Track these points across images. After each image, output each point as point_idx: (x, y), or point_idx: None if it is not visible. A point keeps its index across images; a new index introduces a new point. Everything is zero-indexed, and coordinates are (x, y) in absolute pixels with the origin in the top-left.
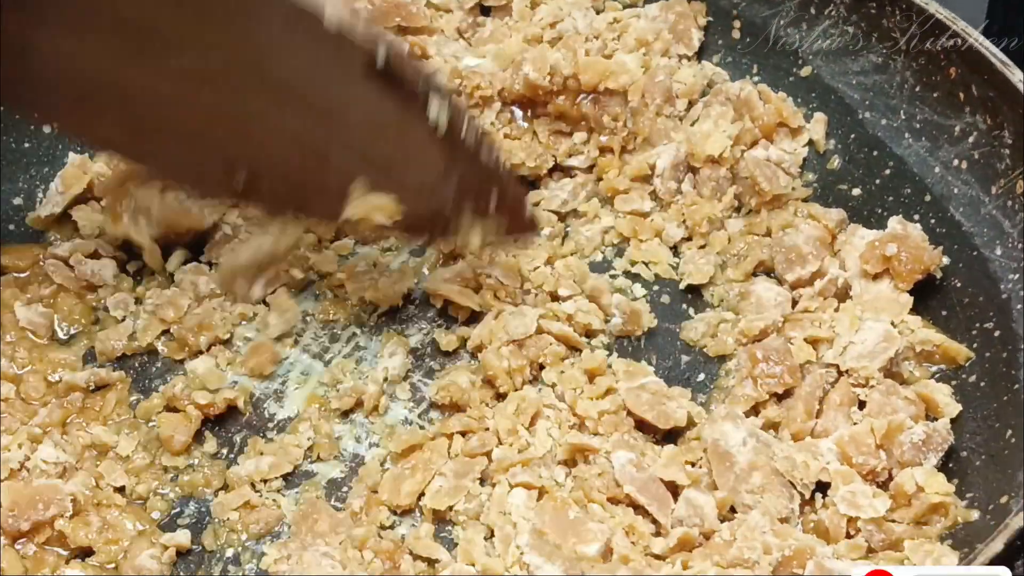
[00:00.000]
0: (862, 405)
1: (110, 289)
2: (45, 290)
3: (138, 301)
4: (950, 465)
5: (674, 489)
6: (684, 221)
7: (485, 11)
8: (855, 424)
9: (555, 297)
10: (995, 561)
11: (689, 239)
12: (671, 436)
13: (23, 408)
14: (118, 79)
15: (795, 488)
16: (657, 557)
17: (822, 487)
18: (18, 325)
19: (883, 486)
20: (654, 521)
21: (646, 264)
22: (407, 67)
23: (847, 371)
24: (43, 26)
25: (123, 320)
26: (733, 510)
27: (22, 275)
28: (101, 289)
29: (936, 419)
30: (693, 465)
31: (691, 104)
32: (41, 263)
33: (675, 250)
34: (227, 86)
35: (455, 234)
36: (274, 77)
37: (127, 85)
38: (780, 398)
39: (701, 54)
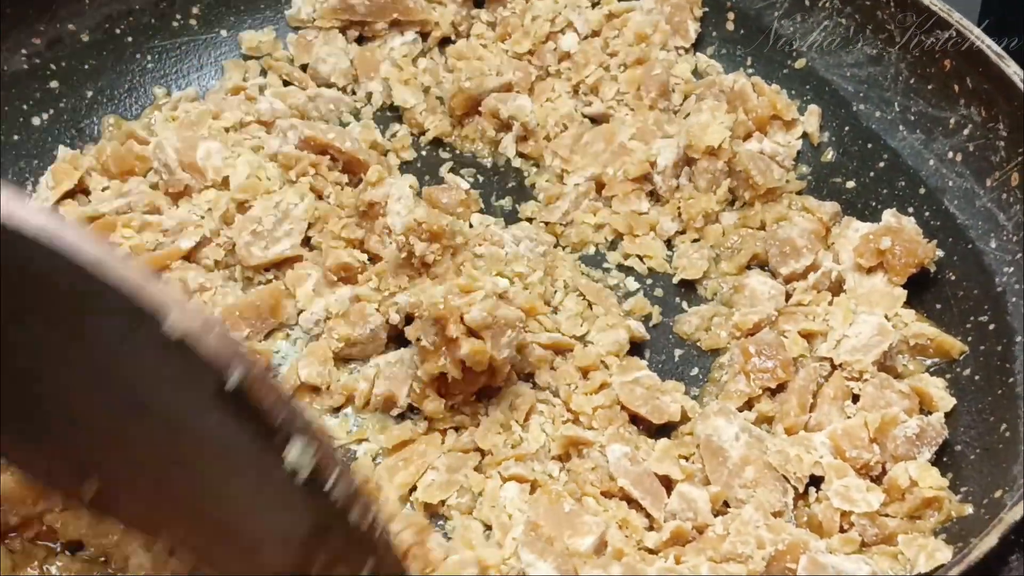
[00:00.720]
0: (856, 399)
1: None
2: None
3: None
4: (944, 459)
5: (668, 483)
6: (680, 215)
7: (479, 3)
8: (849, 418)
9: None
10: (989, 556)
11: (683, 232)
12: (664, 430)
13: None
14: None
15: (788, 482)
16: (650, 551)
17: (815, 481)
18: None
19: (877, 480)
20: (648, 515)
21: (640, 258)
22: (267, 397)
23: (841, 365)
24: None
25: None
26: (727, 504)
27: None
28: None
29: (930, 413)
30: (687, 460)
31: (685, 97)
32: None
33: (668, 243)
34: (75, 385)
35: None
36: (120, 382)
37: None
38: (773, 392)
39: (696, 46)
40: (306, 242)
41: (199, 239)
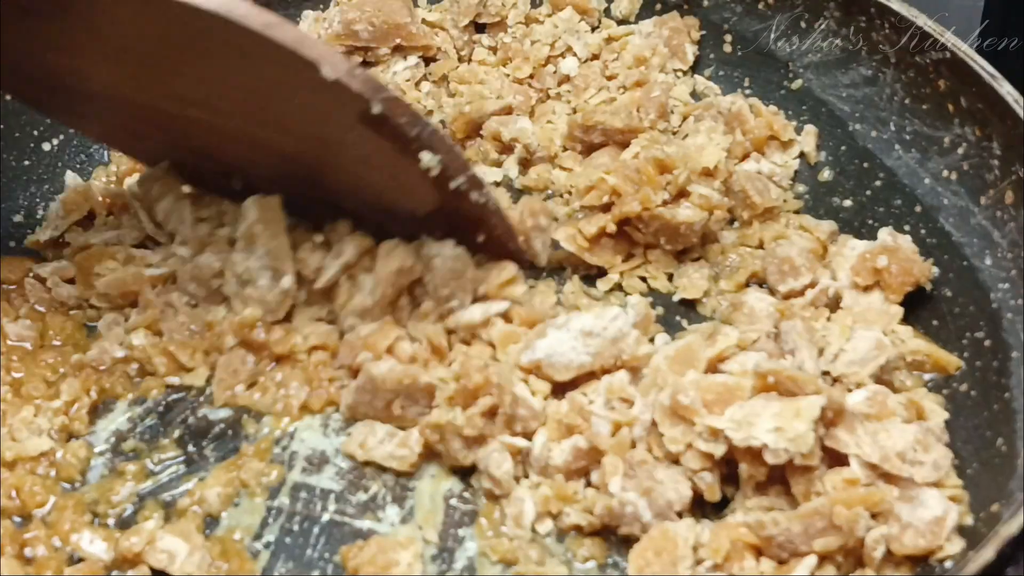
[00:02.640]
0: None
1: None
2: (35, 305)
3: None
4: None
5: None
6: None
7: (480, 28)
8: None
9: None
10: (986, 569)
11: (684, 251)
12: None
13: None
14: (124, 96)
15: None
16: None
17: None
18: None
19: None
20: None
21: (642, 279)
22: (403, 116)
23: (838, 377)
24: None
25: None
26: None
27: (11, 287)
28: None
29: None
30: None
31: (684, 119)
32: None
33: None
34: (224, 113)
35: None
36: (274, 110)
37: (133, 102)
38: None
39: (694, 68)
40: None
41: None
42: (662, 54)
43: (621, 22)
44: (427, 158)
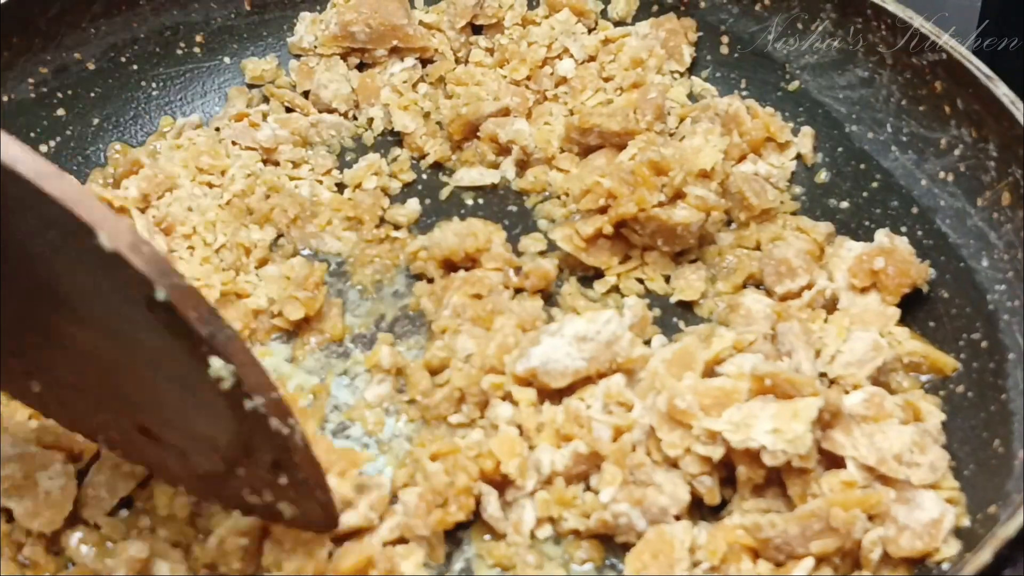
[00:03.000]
0: None
1: None
2: None
3: None
4: None
5: None
6: None
7: (477, 29)
8: None
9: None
10: (984, 570)
11: (681, 253)
12: None
13: None
14: None
15: None
16: None
17: None
18: None
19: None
20: None
21: (639, 280)
22: (192, 310)
23: (835, 379)
24: None
25: None
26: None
27: None
28: None
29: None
30: None
31: (681, 120)
32: None
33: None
34: (12, 297)
35: (248, 508)
36: (57, 293)
37: None
38: None
39: (691, 70)
40: None
41: None
42: (659, 56)
43: (618, 23)
44: (217, 365)
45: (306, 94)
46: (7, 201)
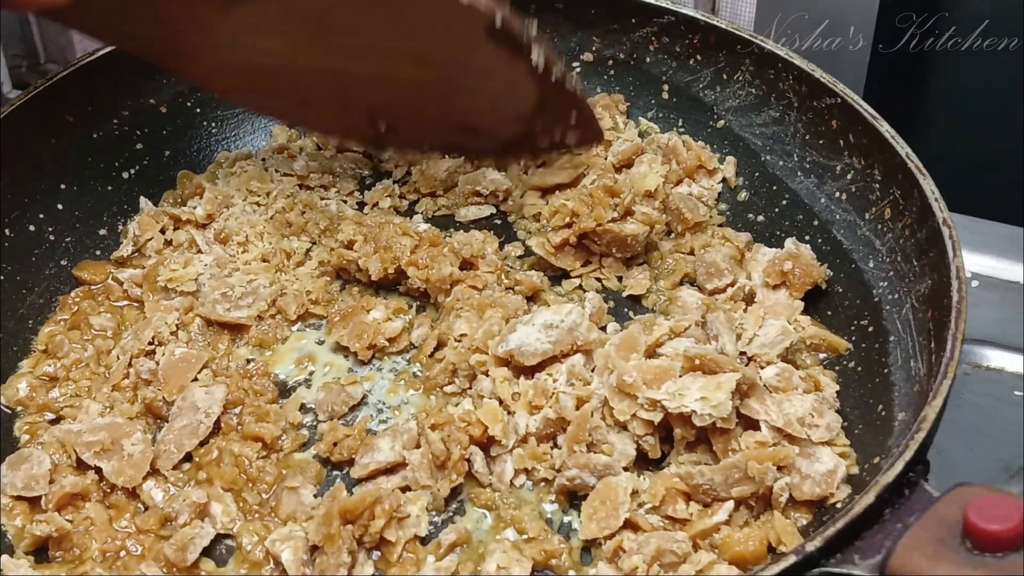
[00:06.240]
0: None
1: None
2: (114, 302)
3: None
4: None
5: None
6: None
7: None
8: None
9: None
10: (869, 509)
11: (631, 258)
12: None
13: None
14: (289, 64)
15: None
16: None
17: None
18: (91, 329)
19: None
20: None
21: (598, 279)
22: (517, 26)
23: (752, 357)
24: (236, 30)
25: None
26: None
27: (96, 287)
28: None
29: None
30: None
31: (635, 155)
32: (109, 282)
33: None
34: (377, 58)
35: (539, 152)
36: (415, 48)
37: (296, 67)
38: None
39: (638, 111)
40: None
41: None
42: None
43: None
44: (536, 54)
45: None
46: None
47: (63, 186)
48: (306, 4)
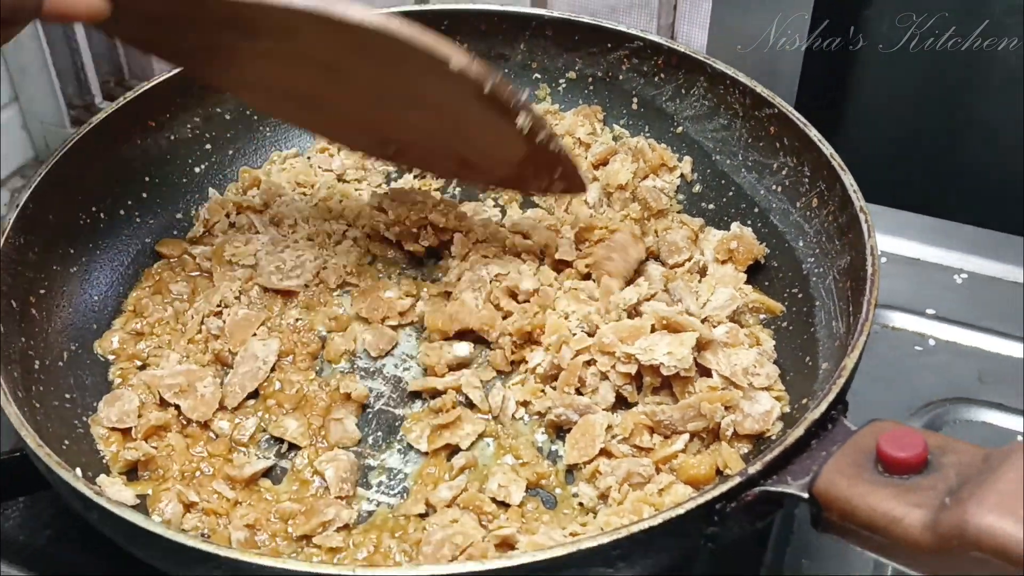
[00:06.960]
0: None
1: None
2: (189, 273)
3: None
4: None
5: None
6: None
7: None
8: None
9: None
10: (799, 441)
11: None
12: None
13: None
14: (305, 92)
15: None
16: None
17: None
18: (171, 294)
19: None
20: None
21: None
22: (505, 93)
23: (707, 319)
24: (256, 57)
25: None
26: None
27: (174, 260)
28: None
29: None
30: None
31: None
32: (184, 256)
33: None
34: (385, 102)
35: (530, 193)
36: (417, 96)
37: (317, 97)
38: None
39: (612, 119)
40: None
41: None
42: (583, 131)
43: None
44: (522, 119)
45: None
46: (391, 57)
47: (147, 179)
48: (312, 49)
